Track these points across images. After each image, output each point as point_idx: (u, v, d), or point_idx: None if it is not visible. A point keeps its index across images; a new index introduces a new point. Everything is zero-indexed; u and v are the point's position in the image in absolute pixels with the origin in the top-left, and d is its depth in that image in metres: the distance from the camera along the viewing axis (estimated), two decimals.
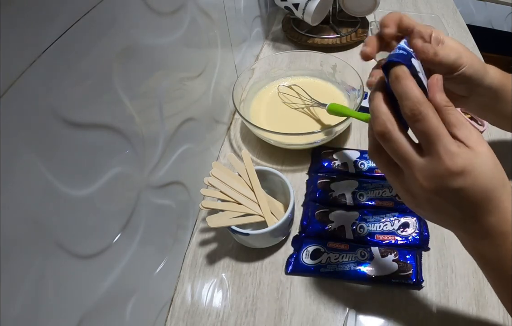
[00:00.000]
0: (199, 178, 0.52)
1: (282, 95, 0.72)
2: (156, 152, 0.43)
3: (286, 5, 0.81)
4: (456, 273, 0.49)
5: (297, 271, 0.50)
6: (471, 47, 0.89)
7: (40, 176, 0.26)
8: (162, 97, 0.43)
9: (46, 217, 0.27)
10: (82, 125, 0.30)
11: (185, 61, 0.49)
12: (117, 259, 0.36)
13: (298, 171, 0.63)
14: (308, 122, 0.67)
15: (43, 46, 0.25)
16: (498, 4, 1.36)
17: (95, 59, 0.31)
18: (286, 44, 0.93)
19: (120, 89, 0.35)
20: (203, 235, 0.55)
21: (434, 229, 0.53)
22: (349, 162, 0.61)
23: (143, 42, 0.38)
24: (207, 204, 0.49)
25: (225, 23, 0.63)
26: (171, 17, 0.44)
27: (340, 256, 0.50)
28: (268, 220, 0.49)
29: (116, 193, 0.35)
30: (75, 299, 0.30)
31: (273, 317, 0.46)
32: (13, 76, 0.23)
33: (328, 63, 0.74)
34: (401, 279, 0.48)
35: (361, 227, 0.53)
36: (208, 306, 0.48)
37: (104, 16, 0.31)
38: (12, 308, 0.24)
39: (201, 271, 0.52)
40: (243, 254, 0.53)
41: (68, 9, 0.27)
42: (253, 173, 0.52)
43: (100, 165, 0.33)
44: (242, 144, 0.68)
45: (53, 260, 0.27)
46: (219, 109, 0.65)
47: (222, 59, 0.63)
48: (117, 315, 0.37)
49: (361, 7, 0.85)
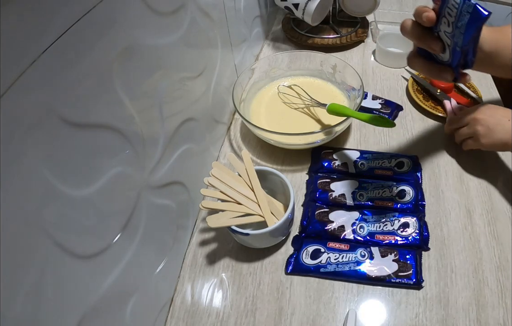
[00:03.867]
0: (199, 178, 0.52)
1: (282, 95, 0.72)
2: (156, 152, 0.43)
3: (286, 5, 0.81)
4: (456, 273, 0.49)
5: (297, 271, 0.50)
6: None
7: (40, 176, 0.26)
8: (162, 97, 0.43)
9: (46, 217, 0.27)
10: (82, 125, 0.30)
11: (185, 61, 0.49)
12: (117, 259, 0.36)
13: (298, 171, 0.63)
14: (308, 122, 0.67)
15: (43, 46, 0.25)
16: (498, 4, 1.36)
17: (95, 59, 0.31)
18: (286, 44, 0.93)
19: (120, 89, 0.35)
20: (203, 235, 0.55)
21: (434, 229, 0.54)
22: (349, 162, 0.61)
23: (143, 42, 0.38)
24: (207, 204, 0.49)
25: (225, 23, 0.63)
26: (171, 17, 0.44)
27: (340, 256, 0.50)
28: (268, 220, 0.49)
29: (116, 193, 0.35)
30: (75, 299, 0.30)
31: (273, 317, 0.47)
32: (13, 76, 0.23)
33: (328, 63, 0.74)
34: (401, 279, 0.48)
35: (361, 227, 0.53)
36: (208, 306, 0.48)
37: (104, 16, 0.31)
38: (12, 308, 0.24)
39: (201, 271, 0.52)
40: (243, 254, 0.53)
41: (68, 9, 0.27)
42: (253, 173, 0.52)
43: (100, 165, 0.33)
44: (242, 144, 0.68)
45: (53, 260, 0.27)
46: (219, 109, 0.65)
47: (222, 59, 0.63)
48: (117, 315, 0.37)
49: (361, 7, 0.85)
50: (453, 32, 0.39)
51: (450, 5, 0.37)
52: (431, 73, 0.45)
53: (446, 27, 0.39)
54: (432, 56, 0.45)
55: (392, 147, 0.66)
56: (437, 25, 0.40)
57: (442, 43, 0.41)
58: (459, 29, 0.38)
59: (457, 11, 0.37)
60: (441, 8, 0.39)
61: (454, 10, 0.37)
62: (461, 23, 0.37)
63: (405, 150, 0.65)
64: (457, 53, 0.41)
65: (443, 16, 0.39)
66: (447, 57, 0.42)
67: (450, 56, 0.42)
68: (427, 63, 0.45)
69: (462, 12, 0.36)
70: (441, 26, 0.40)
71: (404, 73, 0.81)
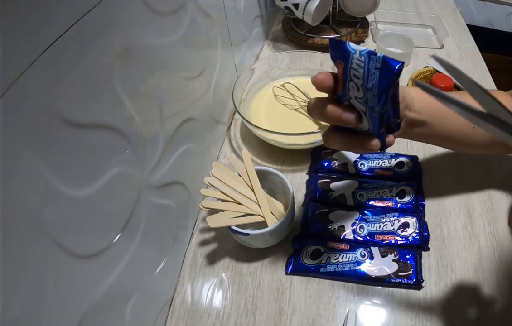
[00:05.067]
0: (199, 178, 0.52)
1: (279, 98, 0.72)
2: (156, 152, 0.43)
3: (286, 5, 0.81)
4: (456, 273, 0.49)
5: (297, 271, 0.50)
6: (471, 47, 0.89)
7: (40, 176, 0.26)
8: (162, 97, 0.43)
9: (46, 217, 0.27)
10: (82, 125, 0.30)
11: (185, 61, 0.49)
12: (117, 259, 0.36)
13: (298, 171, 0.63)
14: (308, 122, 0.67)
15: (43, 46, 0.25)
16: (498, 4, 1.36)
17: (95, 59, 0.31)
18: (286, 44, 0.93)
19: (120, 89, 0.35)
20: (203, 235, 0.55)
21: (434, 229, 0.54)
22: (349, 162, 0.61)
23: (143, 42, 0.38)
24: (207, 204, 0.49)
25: (225, 23, 0.63)
26: (171, 17, 0.44)
27: (340, 256, 0.50)
28: (268, 220, 0.49)
29: (116, 193, 0.35)
30: (75, 299, 0.30)
31: (273, 317, 0.47)
32: (13, 76, 0.23)
33: (328, 63, 0.74)
34: (401, 279, 0.48)
35: (361, 227, 0.53)
36: (208, 306, 0.48)
37: (104, 16, 0.31)
38: (12, 308, 0.24)
39: (201, 271, 0.52)
40: (243, 254, 0.53)
41: (68, 9, 0.27)
42: (253, 173, 0.52)
43: (100, 165, 0.33)
44: (242, 144, 0.68)
45: (53, 260, 0.27)
46: (219, 109, 0.65)
47: (222, 59, 0.63)
48: (117, 315, 0.37)
49: (361, 7, 0.85)
50: (365, 96, 0.32)
51: (355, 65, 0.31)
52: (354, 146, 0.37)
53: (356, 92, 0.32)
54: (349, 128, 0.37)
55: (392, 147, 0.65)
56: (345, 92, 0.34)
57: (356, 112, 0.34)
58: (371, 91, 0.31)
59: (363, 71, 0.31)
60: (345, 71, 0.32)
61: (361, 70, 0.31)
62: (372, 83, 0.31)
63: (405, 150, 0.65)
64: (375, 119, 0.33)
65: (349, 81, 0.32)
66: (367, 127, 0.35)
67: (369, 124, 0.35)
68: (347, 137, 0.37)
69: (370, 70, 0.30)
70: (350, 92, 0.33)
71: (404, 73, 0.81)
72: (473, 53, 0.87)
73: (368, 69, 0.30)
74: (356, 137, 0.36)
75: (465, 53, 0.87)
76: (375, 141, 0.35)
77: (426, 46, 0.89)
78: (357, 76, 0.31)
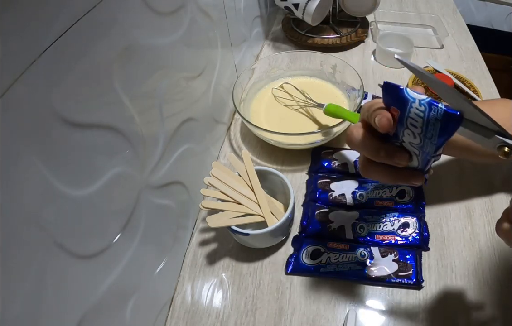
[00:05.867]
0: (199, 178, 0.52)
1: (279, 99, 0.72)
2: (156, 152, 0.43)
3: (286, 5, 0.81)
4: (456, 273, 0.49)
5: (297, 271, 0.50)
6: (471, 47, 0.89)
7: (40, 176, 0.26)
8: (162, 97, 0.43)
9: (46, 217, 0.27)
10: (82, 125, 0.30)
11: (185, 61, 0.49)
12: (117, 259, 0.36)
13: (298, 171, 0.63)
14: (308, 122, 0.67)
15: (43, 46, 0.25)
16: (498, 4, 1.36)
17: (95, 59, 0.31)
18: (286, 44, 0.93)
19: (120, 89, 0.35)
20: (203, 235, 0.55)
21: (434, 229, 0.54)
22: (349, 162, 0.61)
23: (143, 42, 0.38)
24: (207, 204, 0.49)
25: (225, 23, 0.63)
26: (171, 17, 0.44)
27: (340, 256, 0.50)
28: (268, 220, 0.49)
29: (116, 193, 0.35)
30: (75, 299, 0.30)
31: (273, 317, 0.47)
32: (13, 76, 0.23)
33: (328, 63, 0.74)
34: (401, 279, 0.48)
35: (361, 227, 0.53)
36: (208, 306, 0.48)
37: (104, 16, 0.31)
38: (12, 308, 0.24)
39: (201, 271, 0.52)
40: (243, 254, 0.53)
41: (68, 9, 0.27)
42: (253, 173, 0.52)
43: (100, 165, 0.33)
44: (242, 144, 0.68)
45: (53, 260, 0.27)
46: (219, 109, 0.65)
47: (222, 59, 0.63)
48: (117, 315, 0.37)
49: (361, 7, 0.85)
50: (421, 143, 0.31)
51: (413, 115, 0.30)
52: (399, 180, 0.36)
53: (412, 139, 0.32)
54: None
55: None
56: (397, 136, 0.32)
57: (408, 153, 0.34)
58: (430, 140, 0.30)
59: (423, 121, 0.29)
60: (401, 118, 0.31)
61: (419, 119, 0.30)
62: (431, 133, 0.30)
63: None
64: (427, 160, 0.34)
65: (405, 128, 0.31)
66: (416, 164, 0.35)
67: (419, 163, 0.34)
68: (392, 171, 0.36)
69: (430, 121, 0.29)
70: (403, 137, 0.32)
71: (404, 74, 0.81)
72: (473, 53, 0.87)
73: (428, 119, 0.29)
74: (404, 172, 0.35)
75: (465, 53, 0.87)
76: (421, 177, 0.35)
77: (426, 46, 0.89)
78: (414, 125, 0.30)
